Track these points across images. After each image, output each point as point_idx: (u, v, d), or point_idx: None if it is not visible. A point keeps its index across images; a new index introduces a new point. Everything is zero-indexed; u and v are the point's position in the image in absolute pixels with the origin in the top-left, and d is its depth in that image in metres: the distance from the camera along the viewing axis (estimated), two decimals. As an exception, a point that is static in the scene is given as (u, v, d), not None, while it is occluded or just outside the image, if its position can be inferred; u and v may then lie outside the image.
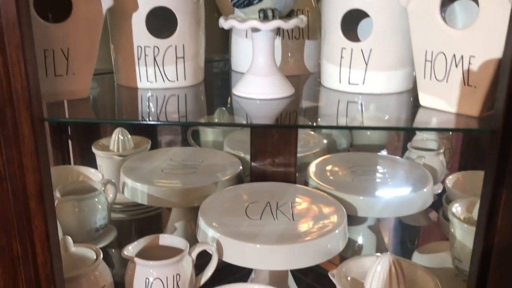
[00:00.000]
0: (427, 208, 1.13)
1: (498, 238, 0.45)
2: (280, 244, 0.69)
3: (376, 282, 0.62)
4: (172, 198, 0.86)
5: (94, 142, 1.08)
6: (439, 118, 0.51)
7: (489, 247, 0.45)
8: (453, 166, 1.16)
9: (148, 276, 0.63)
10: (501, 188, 0.44)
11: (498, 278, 0.45)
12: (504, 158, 0.44)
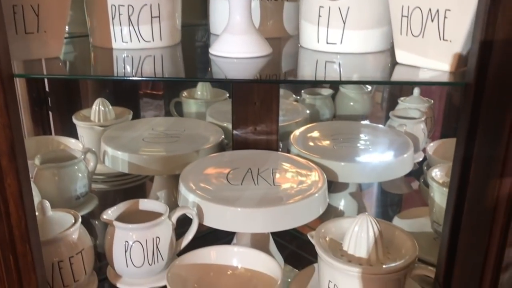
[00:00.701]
0: (408, 176, 1.14)
1: (470, 192, 0.45)
2: (261, 207, 0.69)
3: (354, 242, 0.62)
4: (153, 166, 0.86)
5: (75, 113, 1.07)
6: (415, 73, 0.51)
7: (462, 201, 0.46)
8: (434, 135, 1.17)
9: (127, 239, 0.63)
10: (474, 141, 0.44)
11: (469, 233, 0.45)
12: (477, 111, 0.44)
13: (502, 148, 0.40)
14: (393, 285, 0.59)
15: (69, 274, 0.61)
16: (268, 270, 0.62)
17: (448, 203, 0.47)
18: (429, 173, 0.83)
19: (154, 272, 0.66)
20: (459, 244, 0.45)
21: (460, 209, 0.45)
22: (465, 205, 0.45)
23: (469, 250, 0.44)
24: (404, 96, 1.17)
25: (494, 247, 0.42)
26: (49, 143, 0.98)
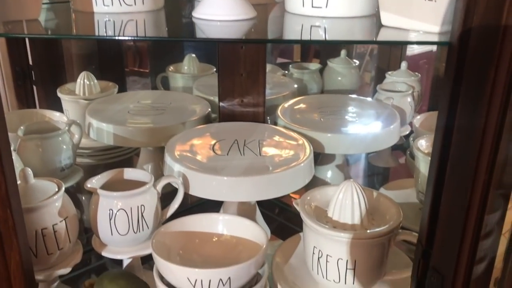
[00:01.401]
0: (395, 150, 1.15)
1: (451, 160, 0.45)
2: (247, 176, 0.69)
3: (338, 208, 0.62)
4: (139, 138, 0.85)
5: (60, 87, 1.05)
6: (400, 35, 0.51)
7: (443, 168, 0.46)
8: (421, 110, 1.17)
9: (112, 208, 0.63)
10: (456, 107, 0.44)
11: (450, 200, 0.46)
12: (460, 71, 0.44)
13: (483, 115, 0.40)
14: (378, 250, 0.60)
15: (53, 241, 0.61)
16: (253, 237, 0.62)
17: (430, 170, 0.47)
18: (414, 144, 0.83)
19: (139, 240, 0.66)
20: (440, 210, 0.46)
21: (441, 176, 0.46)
22: (447, 173, 0.45)
23: (450, 216, 0.45)
24: (392, 70, 1.17)
25: (474, 212, 0.43)
26: (33, 116, 0.97)
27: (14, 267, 0.51)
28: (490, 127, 0.41)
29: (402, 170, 1.11)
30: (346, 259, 0.59)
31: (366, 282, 0.61)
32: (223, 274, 0.54)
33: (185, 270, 0.54)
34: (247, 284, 0.59)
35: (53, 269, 0.63)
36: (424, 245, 0.48)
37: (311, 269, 0.63)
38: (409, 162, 1.00)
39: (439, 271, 0.45)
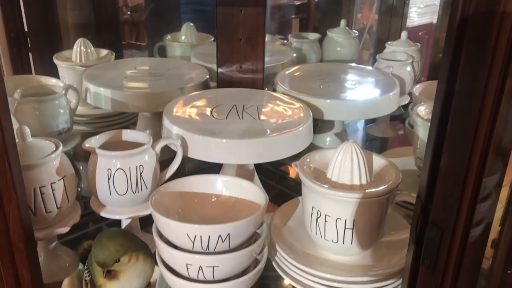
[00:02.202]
0: (394, 120, 1.15)
1: (450, 125, 0.45)
2: (245, 138, 0.68)
3: (337, 169, 0.62)
4: (136, 103, 0.85)
5: (56, 54, 1.04)
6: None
7: (443, 132, 0.45)
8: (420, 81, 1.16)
9: (110, 167, 0.63)
10: (457, 69, 0.43)
11: (449, 163, 0.45)
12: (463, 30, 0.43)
13: (483, 78, 0.40)
14: (376, 210, 0.60)
15: (51, 200, 0.60)
16: (252, 197, 0.62)
17: (432, 125, 0.46)
18: (414, 110, 0.82)
19: (138, 201, 0.66)
20: (440, 166, 0.45)
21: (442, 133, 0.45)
22: (447, 131, 0.45)
23: (448, 179, 0.44)
24: (392, 40, 1.16)
25: (472, 176, 0.42)
26: (29, 82, 0.96)
27: (13, 221, 0.50)
28: (490, 89, 0.40)
29: (400, 140, 1.11)
30: (344, 218, 0.59)
31: (365, 242, 0.62)
32: (223, 230, 0.54)
33: (184, 226, 0.54)
34: (245, 242, 0.59)
35: (51, 228, 0.62)
36: (423, 201, 0.48)
37: (310, 230, 0.63)
38: (407, 131, 1.00)
39: (439, 225, 0.45)
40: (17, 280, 0.53)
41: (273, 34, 1.59)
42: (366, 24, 1.39)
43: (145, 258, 0.61)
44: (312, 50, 1.20)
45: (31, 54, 1.13)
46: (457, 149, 0.43)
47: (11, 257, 0.52)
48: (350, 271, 0.62)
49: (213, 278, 0.57)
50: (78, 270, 0.99)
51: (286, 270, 0.64)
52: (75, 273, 0.92)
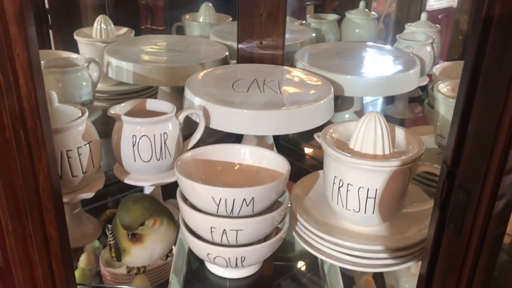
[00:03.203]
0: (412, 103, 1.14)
1: (476, 104, 0.44)
2: (266, 109, 0.69)
3: (361, 139, 0.62)
4: (157, 77, 0.85)
5: (76, 31, 1.05)
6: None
7: (469, 110, 0.45)
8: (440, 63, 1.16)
9: (135, 134, 0.63)
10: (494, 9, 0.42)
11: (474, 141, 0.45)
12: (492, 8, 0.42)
13: None
14: (399, 179, 0.60)
15: (77, 164, 0.61)
16: (274, 166, 0.63)
17: (462, 81, 0.46)
18: (435, 87, 0.82)
19: (162, 168, 0.67)
20: (468, 135, 0.45)
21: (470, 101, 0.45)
22: (476, 98, 0.44)
23: (477, 140, 0.44)
24: (411, 22, 1.15)
25: (502, 136, 0.42)
26: (50, 57, 0.97)
27: (42, 180, 0.51)
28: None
29: (418, 122, 1.10)
30: (367, 187, 0.60)
31: (386, 212, 0.62)
32: (247, 194, 0.54)
33: (210, 189, 0.54)
34: (268, 209, 0.59)
35: (76, 192, 0.64)
36: (449, 165, 0.48)
37: (331, 199, 0.64)
38: (426, 111, 1.00)
39: (465, 187, 0.46)
40: (45, 239, 0.55)
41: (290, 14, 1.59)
42: (385, 6, 1.38)
43: (168, 223, 0.61)
44: (330, 31, 1.20)
45: (51, 31, 1.14)
46: (487, 109, 0.42)
47: (40, 217, 0.53)
48: (370, 240, 0.62)
49: (236, 242, 0.57)
50: (95, 247, 1.01)
51: (307, 239, 0.65)
52: (91, 249, 0.94)
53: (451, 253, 0.49)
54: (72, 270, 0.59)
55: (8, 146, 0.49)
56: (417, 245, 0.62)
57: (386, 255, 0.61)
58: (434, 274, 0.53)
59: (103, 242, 0.91)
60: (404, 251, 0.61)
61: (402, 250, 0.61)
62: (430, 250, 0.52)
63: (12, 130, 0.49)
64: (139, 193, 0.66)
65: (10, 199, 0.51)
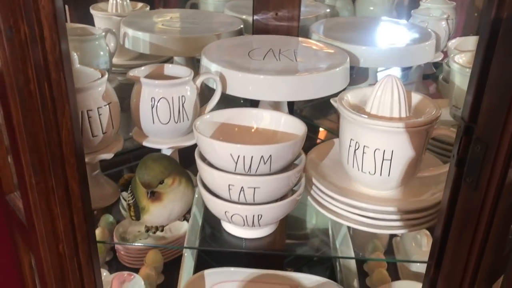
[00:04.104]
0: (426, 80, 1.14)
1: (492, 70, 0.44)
2: (283, 75, 0.69)
3: (377, 102, 0.62)
4: (173, 47, 0.86)
5: (92, 5, 1.06)
6: None
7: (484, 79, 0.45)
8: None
9: (154, 96, 0.64)
10: None
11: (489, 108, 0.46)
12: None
13: None
14: (415, 141, 0.60)
15: (98, 124, 0.63)
16: (291, 129, 0.63)
17: (478, 48, 0.46)
18: (451, 58, 0.82)
19: (180, 131, 0.67)
20: (487, 87, 0.45)
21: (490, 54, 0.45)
22: (491, 68, 0.45)
23: (496, 92, 0.45)
24: (426, -1, 1.15)
25: None
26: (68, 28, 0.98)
27: (65, 134, 0.53)
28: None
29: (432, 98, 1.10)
30: (383, 149, 0.60)
31: (401, 175, 0.62)
32: (265, 151, 0.55)
33: (229, 146, 0.55)
34: (285, 169, 0.60)
35: (96, 153, 0.65)
36: (467, 120, 0.48)
37: (346, 163, 0.64)
38: (441, 86, 1.00)
39: (483, 140, 0.46)
40: (67, 194, 0.56)
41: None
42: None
43: (187, 183, 0.62)
44: (345, 8, 1.19)
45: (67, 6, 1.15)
46: (507, 60, 0.43)
47: (62, 171, 0.54)
48: (385, 202, 0.63)
49: (254, 201, 0.58)
50: (109, 222, 1.03)
51: (322, 202, 0.65)
52: (106, 224, 0.95)
53: (467, 209, 0.50)
54: (93, 227, 0.60)
55: (32, 99, 0.50)
56: (432, 208, 0.63)
57: (400, 217, 0.62)
58: (448, 235, 0.53)
59: (117, 218, 0.93)
60: (418, 213, 0.62)
61: (416, 212, 0.62)
62: (446, 208, 0.53)
63: (36, 82, 0.50)
64: (159, 153, 0.67)
65: (34, 153, 0.53)
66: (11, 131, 0.54)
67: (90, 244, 0.60)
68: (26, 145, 0.52)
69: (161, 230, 0.65)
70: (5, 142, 0.71)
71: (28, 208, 0.58)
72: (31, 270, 0.80)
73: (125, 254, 1.01)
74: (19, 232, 0.72)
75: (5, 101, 0.53)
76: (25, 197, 0.58)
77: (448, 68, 0.92)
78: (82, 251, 0.60)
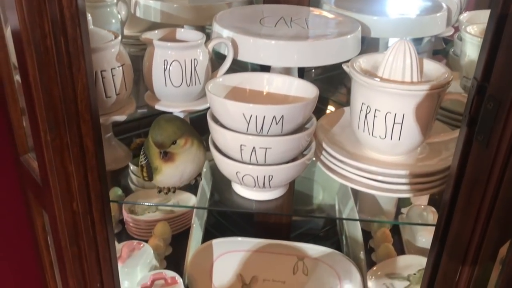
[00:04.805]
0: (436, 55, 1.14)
1: None
2: (294, 40, 0.69)
3: (389, 67, 0.63)
4: (184, 15, 0.86)
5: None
6: None
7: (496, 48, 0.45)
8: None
9: (167, 58, 0.65)
10: None
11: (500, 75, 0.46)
12: None
13: None
14: (426, 105, 0.60)
15: (111, 85, 0.63)
16: (302, 92, 0.64)
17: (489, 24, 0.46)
18: (463, 28, 0.82)
19: (192, 95, 0.68)
20: (501, 44, 0.46)
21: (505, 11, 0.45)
22: (506, 24, 0.45)
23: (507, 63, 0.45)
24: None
25: None
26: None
27: (80, 90, 0.53)
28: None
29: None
30: (394, 112, 0.60)
31: (412, 139, 0.63)
32: (277, 111, 0.56)
33: (241, 106, 0.56)
34: (295, 132, 0.61)
35: (110, 114, 0.66)
36: (480, 80, 0.49)
37: (357, 127, 0.65)
38: (451, 60, 1.00)
39: (496, 97, 0.46)
40: (82, 151, 0.57)
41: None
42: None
43: (199, 145, 0.63)
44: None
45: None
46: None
47: (77, 127, 0.55)
48: (395, 166, 0.63)
49: (265, 161, 0.59)
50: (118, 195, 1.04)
51: (331, 166, 0.66)
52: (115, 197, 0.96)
53: (477, 168, 0.50)
54: (106, 186, 0.61)
55: (48, 55, 0.51)
56: (442, 173, 0.63)
57: (409, 180, 0.62)
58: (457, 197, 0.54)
59: (125, 192, 0.94)
60: (427, 178, 0.63)
61: (425, 176, 0.63)
62: (456, 169, 0.53)
63: (53, 37, 0.50)
64: (171, 114, 0.68)
65: (49, 109, 0.54)
66: (27, 87, 0.54)
67: (103, 202, 0.61)
68: (42, 101, 0.53)
69: (173, 191, 0.66)
70: (20, 103, 0.72)
71: (43, 166, 0.59)
72: (44, 232, 0.81)
73: (133, 226, 1.02)
74: (33, 192, 0.74)
75: (22, 57, 0.53)
76: (40, 155, 0.59)
77: (460, 42, 0.92)
78: (96, 209, 0.61)
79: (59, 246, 0.64)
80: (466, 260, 0.56)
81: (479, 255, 0.55)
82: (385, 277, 0.93)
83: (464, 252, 0.55)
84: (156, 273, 0.85)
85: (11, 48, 0.68)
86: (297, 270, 0.93)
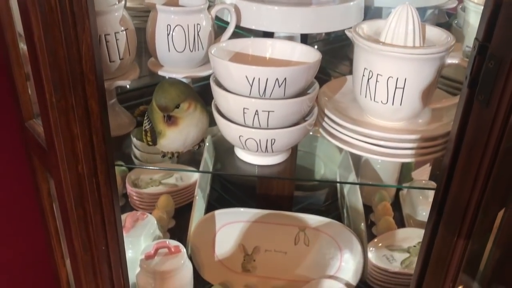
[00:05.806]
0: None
1: None
2: (297, 6, 0.69)
3: (391, 34, 0.63)
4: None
5: None
6: None
7: None
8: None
9: (170, 23, 0.65)
10: None
11: None
12: None
13: None
14: (428, 69, 0.60)
15: (115, 49, 0.64)
16: (305, 58, 0.64)
17: None
18: None
19: (195, 60, 0.68)
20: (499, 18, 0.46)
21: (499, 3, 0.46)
22: None
23: (509, 22, 0.45)
24: None
25: None
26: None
27: (85, 51, 0.54)
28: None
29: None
30: (396, 77, 0.61)
31: (413, 105, 0.63)
32: (280, 73, 0.56)
33: (244, 68, 0.56)
34: (298, 96, 0.61)
35: (113, 79, 0.66)
36: (482, 40, 0.49)
37: (359, 93, 0.65)
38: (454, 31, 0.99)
39: (497, 56, 0.46)
40: (87, 112, 0.57)
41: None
42: None
43: (202, 110, 0.64)
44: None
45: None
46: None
47: (82, 88, 0.56)
48: (396, 131, 0.64)
49: (267, 125, 0.60)
50: (121, 170, 1.04)
51: (333, 132, 0.67)
52: (118, 172, 0.97)
53: (478, 128, 0.51)
54: (111, 149, 0.61)
55: (53, 14, 0.51)
56: (443, 137, 0.64)
57: (411, 145, 0.63)
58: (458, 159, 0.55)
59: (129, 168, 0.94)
60: (428, 142, 0.63)
61: (426, 141, 0.63)
62: (457, 131, 0.53)
63: (58, -2, 0.50)
64: (175, 78, 0.68)
65: (54, 69, 0.54)
66: (32, 48, 0.55)
67: (108, 165, 0.62)
68: (47, 61, 0.54)
69: (177, 156, 0.66)
70: (25, 69, 0.73)
71: (48, 129, 0.60)
72: (49, 198, 0.82)
73: (137, 199, 1.04)
74: (38, 157, 0.74)
75: (27, 17, 0.54)
76: (45, 117, 0.59)
77: (463, 12, 0.92)
78: (101, 172, 0.62)
79: (65, 209, 0.65)
80: (464, 225, 0.56)
81: (476, 220, 0.56)
82: (385, 249, 0.95)
83: (462, 216, 0.56)
84: (159, 242, 0.87)
85: (16, 15, 0.68)
86: (299, 240, 0.94)
